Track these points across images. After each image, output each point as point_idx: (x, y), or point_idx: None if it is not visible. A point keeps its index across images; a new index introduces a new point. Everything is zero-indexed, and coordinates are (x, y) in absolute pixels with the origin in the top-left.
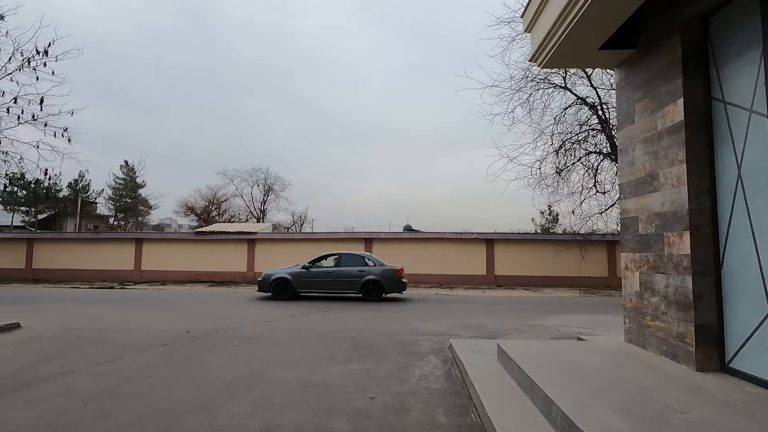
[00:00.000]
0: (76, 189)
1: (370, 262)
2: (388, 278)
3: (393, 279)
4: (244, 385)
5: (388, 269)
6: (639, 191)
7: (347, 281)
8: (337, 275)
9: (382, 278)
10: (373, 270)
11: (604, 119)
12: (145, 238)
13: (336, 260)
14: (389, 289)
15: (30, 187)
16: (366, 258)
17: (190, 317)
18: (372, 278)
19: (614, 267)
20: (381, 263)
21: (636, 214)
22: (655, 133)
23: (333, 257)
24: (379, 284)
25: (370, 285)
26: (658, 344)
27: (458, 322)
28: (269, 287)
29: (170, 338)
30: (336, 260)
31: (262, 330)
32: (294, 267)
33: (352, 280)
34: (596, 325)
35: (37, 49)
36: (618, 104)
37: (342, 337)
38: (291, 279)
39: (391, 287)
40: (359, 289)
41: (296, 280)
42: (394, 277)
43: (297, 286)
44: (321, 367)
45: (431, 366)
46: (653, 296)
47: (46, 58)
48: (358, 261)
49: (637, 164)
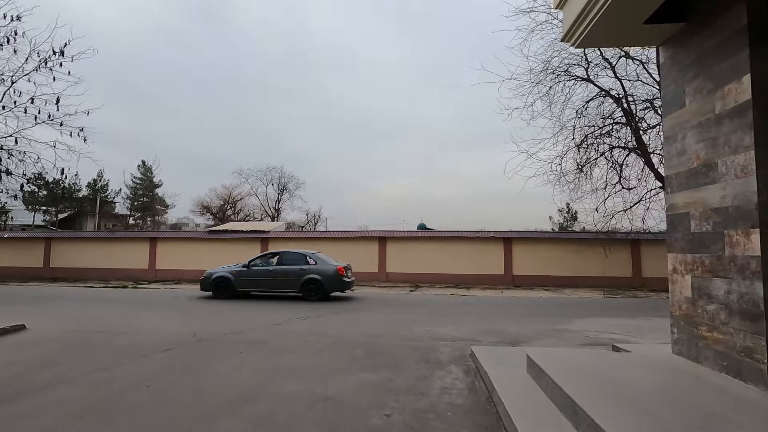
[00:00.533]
0: (95, 189)
1: (312, 260)
2: (329, 277)
3: (334, 278)
4: (247, 398)
5: (328, 268)
6: (691, 183)
7: (287, 280)
8: (277, 274)
9: (323, 277)
10: (314, 269)
11: (629, 112)
12: (159, 237)
13: (278, 259)
14: (330, 289)
15: (49, 187)
16: (308, 256)
17: (198, 319)
18: (312, 277)
19: (638, 267)
20: (325, 262)
21: (687, 210)
22: (712, 116)
23: (275, 256)
24: (320, 283)
25: (311, 284)
26: (716, 359)
27: (478, 326)
28: (210, 286)
29: (175, 342)
30: (278, 259)
31: (271, 334)
32: (236, 266)
33: (292, 279)
34: (628, 330)
35: (54, 50)
36: (663, 87)
37: (355, 343)
38: (232, 278)
39: (333, 286)
40: (299, 288)
41: (237, 278)
42: (335, 277)
43: (238, 285)
44: (332, 378)
45: (452, 377)
46: (710, 303)
47: (62, 59)
48: (300, 260)
49: (688, 153)
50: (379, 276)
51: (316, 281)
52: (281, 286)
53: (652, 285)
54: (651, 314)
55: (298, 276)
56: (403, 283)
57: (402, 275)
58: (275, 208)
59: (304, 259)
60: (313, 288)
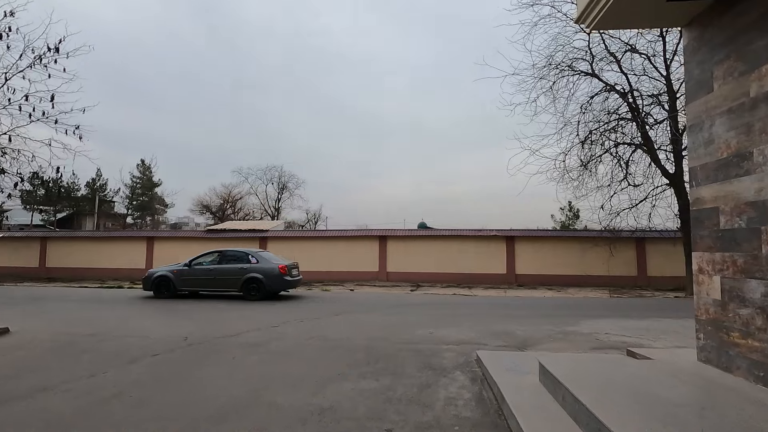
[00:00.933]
0: (94, 188)
1: (254, 259)
2: (270, 276)
3: (275, 277)
4: (237, 409)
5: (269, 267)
6: (720, 176)
7: (228, 279)
8: (218, 273)
9: (264, 276)
10: (255, 267)
11: (635, 107)
12: (156, 236)
13: (219, 257)
14: (271, 288)
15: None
16: (250, 255)
17: (192, 321)
18: (253, 276)
19: (644, 266)
20: (267, 260)
21: (716, 205)
22: (745, 101)
23: (217, 254)
24: (260, 282)
25: (252, 283)
26: (751, 368)
27: (483, 327)
28: (151, 285)
29: (165, 347)
30: (219, 257)
31: (268, 337)
32: (177, 265)
33: (233, 278)
34: (639, 332)
35: (48, 46)
36: (687, 71)
37: (355, 347)
38: (172, 277)
39: (274, 285)
40: (240, 287)
41: (177, 278)
42: (276, 275)
43: (178, 284)
44: (329, 386)
45: (458, 385)
46: (743, 307)
47: (57, 55)
48: (242, 258)
49: (717, 142)
50: (379, 275)
51: (256, 280)
52: (222, 285)
53: (657, 284)
54: (659, 315)
55: (239, 275)
56: (404, 282)
57: (403, 275)
58: (275, 207)
59: (246, 258)
60: (254, 287)
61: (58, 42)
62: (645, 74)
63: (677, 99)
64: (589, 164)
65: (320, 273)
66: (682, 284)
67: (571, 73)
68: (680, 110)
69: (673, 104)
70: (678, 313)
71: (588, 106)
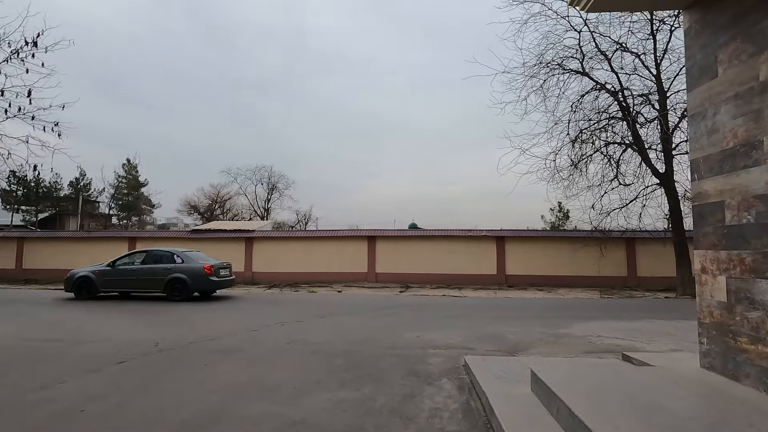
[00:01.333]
0: (77, 187)
1: (179, 259)
2: (194, 276)
3: (200, 277)
4: (204, 423)
5: (194, 267)
6: (726, 167)
7: (151, 279)
8: (141, 273)
9: (188, 276)
10: (179, 267)
11: (626, 106)
12: (138, 236)
13: (144, 257)
14: (195, 288)
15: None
16: (176, 255)
17: (167, 324)
18: (177, 276)
19: (634, 266)
20: (193, 260)
21: (721, 199)
22: (754, 85)
23: (142, 254)
24: (185, 283)
25: (176, 283)
26: (761, 377)
27: (472, 330)
28: (72, 287)
29: (133, 353)
30: (144, 257)
31: (245, 341)
32: (99, 265)
33: (156, 279)
34: (632, 334)
35: (26, 40)
36: (688, 56)
37: (336, 352)
38: (94, 278)
39: (198, 286)
40: (163, 288)
41: (99, 278)
42: (201, 276)
43: (100, 284)
44: (305, 395)
45: (444, 394)
46: (752, 310)
47: (36, 49)
48: (167, 258)
49: (722, 131)
50: (368, 276)
51: (180, 280)
52: (145, 285)
53: (647, 284)
54: (651, 316)
55: (163, 275)
56: (393, 283)
57: (392, 275)
58: (265, 207)
59: (171, 258)
60: (177, 287)
61: (36, 36)
62: (635, 73)
63: (667, 98)
64: (579, 164)
65: (308, 274)
66: (672, 284)
67: (562, 71)
68: (670, 109)
69: (663, 103)
70: (670, 314)
71: (578, 105)
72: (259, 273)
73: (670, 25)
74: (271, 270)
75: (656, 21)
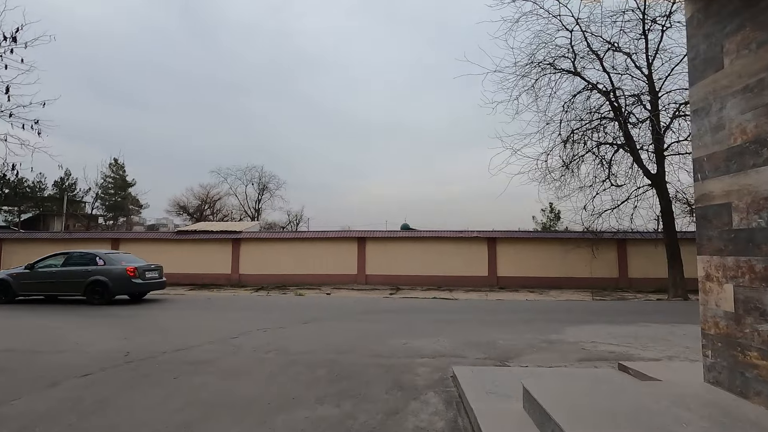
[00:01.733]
0: (62, 187)
1: (101, 261)
2: (115, 279)
3: (121, 280)
4: None
5: (115, 269)
6: (734, 166)
7: (71, 282)
8: (61, 276)
9: (109, 279)
10: (100, 270)
11: (617, 106)
12: (121, 238)
13: (66, 259)
14: (117, 291)
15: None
16: (98, 257)
17: (142, 331)
18: (97, 279)
19: (625, 267)
20: (116, 262)
21: (727, 200)
22: (765, 76)
23: (63, 256)
24: (105, 285)
25: (96, 286)
26: None
27: (462, 336)
28: None
29: (100, 364)
30: (66, 259)
31: (222, 351)
32: (18, 268)
33: (76, 281)
34: (627, 339)
35: (4, 35)
36: (691, 47)
37: (318, 362)
38: (11, 281)
39: (120, 289)
40: (83, 291)
41: (17, 281)
42: (123, 278)
43: (18, 288)
44: (280, 413)
45: (430, 410)
46: (764, 322)
47: (15, 45)
48: (88, 260)
49: (729, 127)
50: (358, 278)
51: (101, 283)
52: (65, 288)
53: (638, 286)
54: (645, 319)
55: (83, 278)
56: (383, 285)
57: (382, 277)
58: (255, 208)
59: (93, 260)
60: (98, 290)
61: (15, 31)
62: (627, 73)
63: (659, 98)
64: (571, 164)
65: (297, 276)
66: (663, 286)
67: (553, 71)
68: (662, 109)
69: (655, 103)
70: (663, 318)
71: (570, 105)
72: (246, 275)
73: (662, 25)
74: (258, 272)
75: (648, 21)
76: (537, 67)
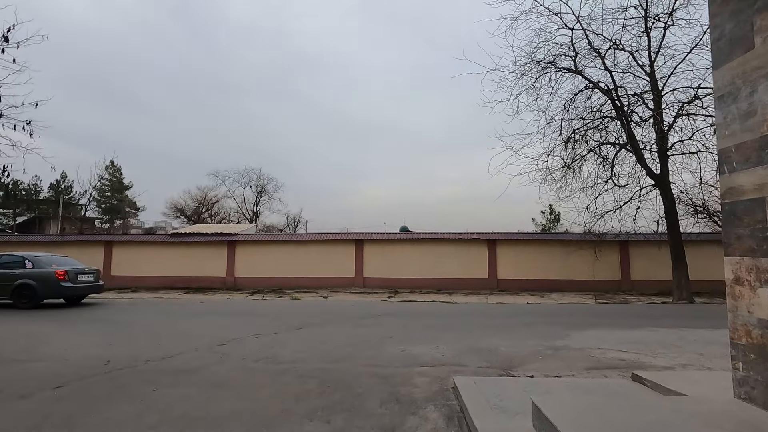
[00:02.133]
0: (58, 190)
1: (29, 263)
2: (43, 282)
3: (50, 283)
4: None
5: (44, 272)
6: (767, 157)
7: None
8: None
9: (37, 282)
10: (27, 273)
11: (619, 105)
12: (115, 240)
13: None
14: (45, 295)
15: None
16: (27, 259)
17: (128, 337)
18: (25, 282)
19: (627, 270)
20: (46, 265)
21: (760, 195)
22: None
23: None
24: (33, 289)
25: (24, 290)
26: None
27: (462, 342)
28: None
29: (77, 374)
30: None
31: (208, 359)
32: None
33: (3, 285)
34: (635, 345)
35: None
36: (714, 27)
37: (309, 372)
38: None
39: (47, 293)
40: (10, 294)
41: None
42: (52, 282)
43: None
44: (264, 431)
45: (429, 427)
46: None
47: (6, 45)
48: (17, 263)
49: (761, 113)
50: (355, 281)
51: (28, 286)
52: None
53: (641, 288)
54: (651, 323)
55: (10, 281)
56: (381, 288)
57: (380, 280)
58: (253, 210)
59: (21, 263)
60: (25, 294)
61: (7, 30)
62: (629, 71)
63: (662, 96)
64: (572, 164)
65: (293, 279)
66: (667, 288)
67: (554, 69)
68: (665, 108)
69: (658, 102)
70: (671, 322)
71: (571, 104)
72: (242, 278)
73: (665, 23)
74: (254, 275)
75: (650, 18)
76: (537, 65)
